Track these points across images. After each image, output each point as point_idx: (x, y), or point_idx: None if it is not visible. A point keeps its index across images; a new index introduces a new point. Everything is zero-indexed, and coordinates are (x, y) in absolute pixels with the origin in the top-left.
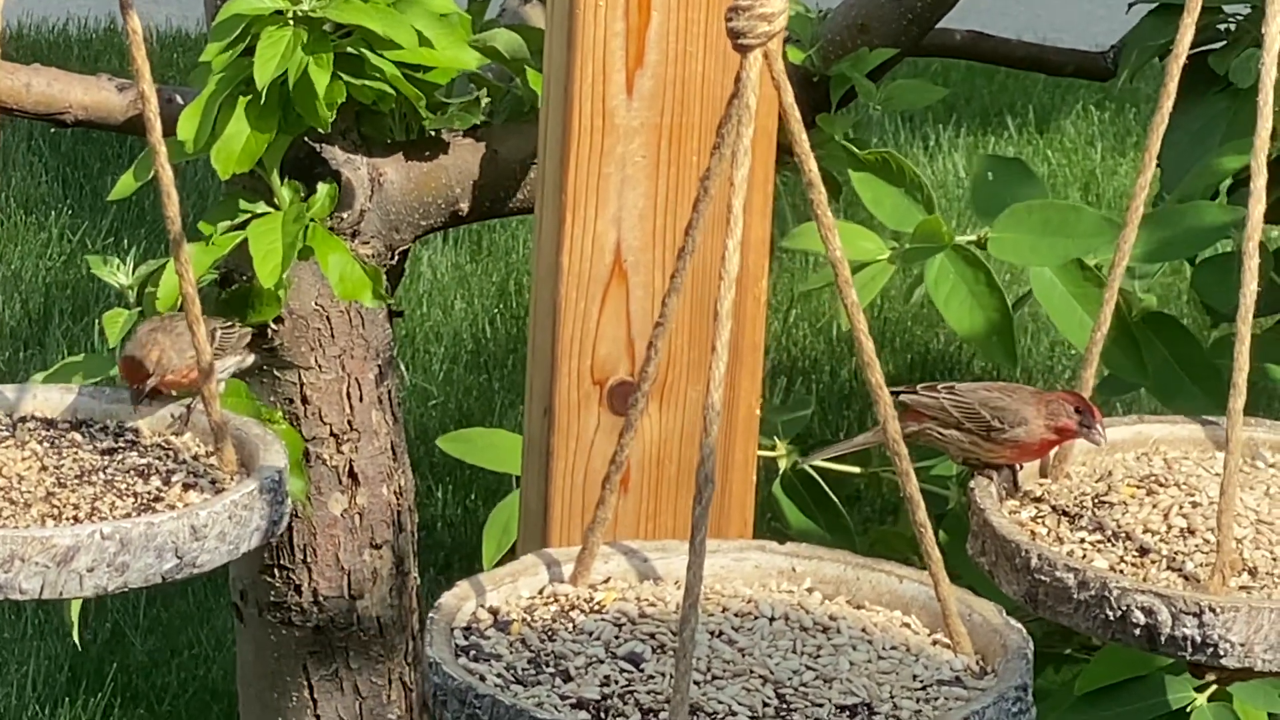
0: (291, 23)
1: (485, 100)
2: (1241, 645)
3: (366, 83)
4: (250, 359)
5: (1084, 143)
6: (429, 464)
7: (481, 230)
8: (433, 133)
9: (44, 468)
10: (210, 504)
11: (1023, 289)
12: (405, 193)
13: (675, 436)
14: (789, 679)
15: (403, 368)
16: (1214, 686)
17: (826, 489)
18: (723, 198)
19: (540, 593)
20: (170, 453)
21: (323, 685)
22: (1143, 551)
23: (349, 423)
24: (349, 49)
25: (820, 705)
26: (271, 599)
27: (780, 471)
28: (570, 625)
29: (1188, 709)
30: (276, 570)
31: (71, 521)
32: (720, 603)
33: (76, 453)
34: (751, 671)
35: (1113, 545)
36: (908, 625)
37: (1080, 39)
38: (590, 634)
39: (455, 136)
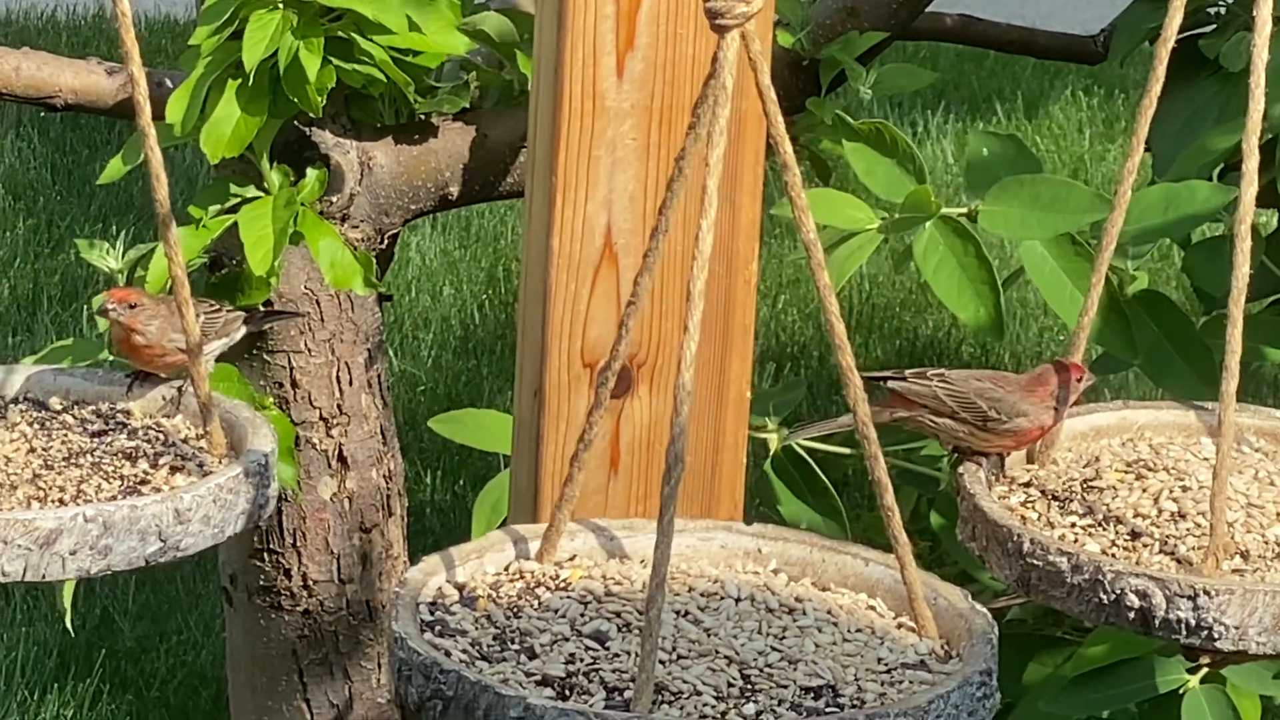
0: (280, 6)
1: (475, 84)
2: (1236, 628)
3: (356, 67)
4: (241, 333)
5: (1073, 129)
6: (418, 449)
7: (470, 216)
8: (422, 117)
9: (32, 450)
10: (194, 487)
11: (1012, 273)
12: (395, 176)
13: (666, 420)
14: (754, 660)
15: (390, 353)
16: (1206, 669)
17: (817, 470)
18: (698, 178)
19: (506, 569)
20: (160, 435)
21: (312, 669)
22: (1134, 535)
23: (338, 407)
24: (339, 33)
25: (785, 686)
26: (261, 583)
27: (771, 452)
28: (536, 602)
29: (1180, 691)
30: (266, 554)
31: (57, 504)
32: (686, 582)
33: (66, 435)
34: (717, 652)
35: (1104, 529)
36: (873, 608)
37: (1069, 26)
38: (556, 611)
39: (445, 120)
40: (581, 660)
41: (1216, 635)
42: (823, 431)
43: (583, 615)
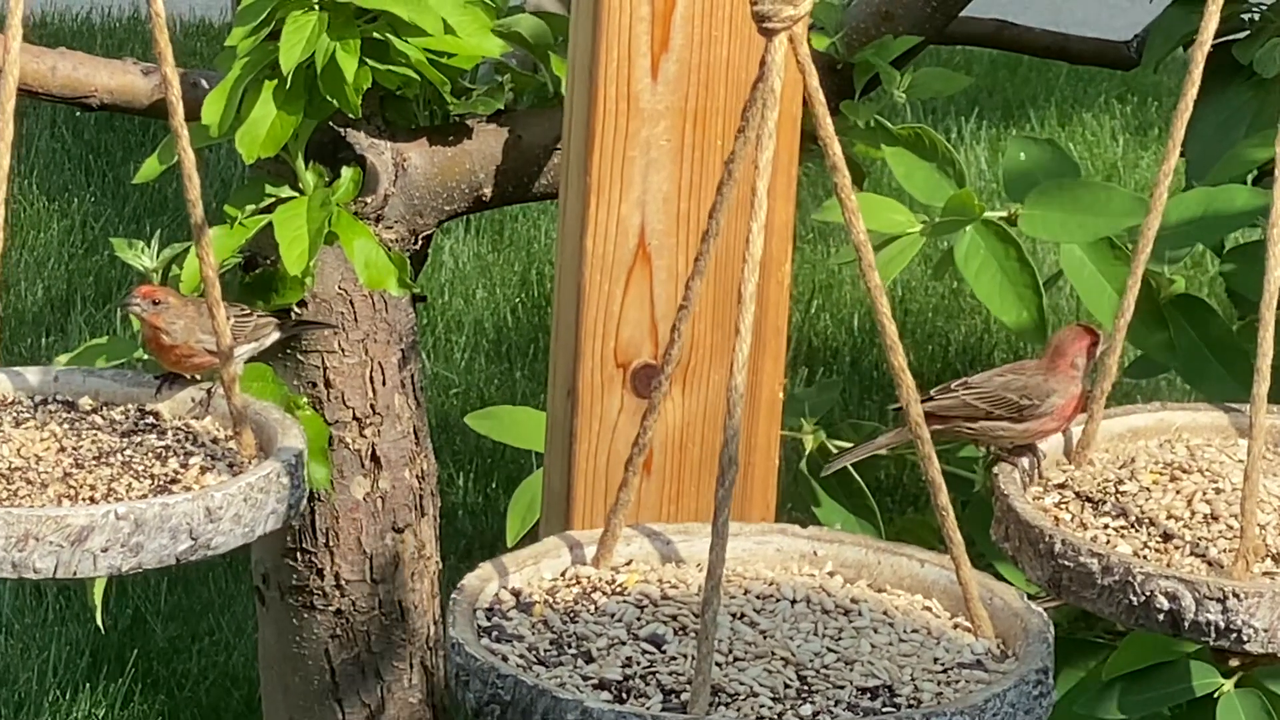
0: (317, 7)
1: (509, 86)
2: (1265, 631)
3: (391, 68)
4: (272, 338)
5: (1106, 136)
6: (450, 452)
7: (503, 220)
8: (457, 118)
9: (62, 449)
10: (225, 486)
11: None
12: (429, 177)
13: (698, 420)
14: (810, 661)
15: (422, 355)
16: (1240, 673)
17: (853, 472)
18: (747, 181)
19: (562, 575)
20: (190, 436)
21: (344, 669)
22: (1166, 537)
23: (371, 406)
24: (374, 34)
25: (842, 687)
26: (294, 582)
27: (807, 453)
28: (592, 607)
29: (1215, 694)
30: (299, 554)
31: (88, 502)
32: (742, 585)
33: (96, 435)
34: (773, 653)
35: (1136, 531)
36: (929, 609)
37: (1102, 33)
38: (612, 615)
39: (479, 122)
40: (638, 664)
41: (1246, 638)
42: (861, 456)
43: (639, 619)
